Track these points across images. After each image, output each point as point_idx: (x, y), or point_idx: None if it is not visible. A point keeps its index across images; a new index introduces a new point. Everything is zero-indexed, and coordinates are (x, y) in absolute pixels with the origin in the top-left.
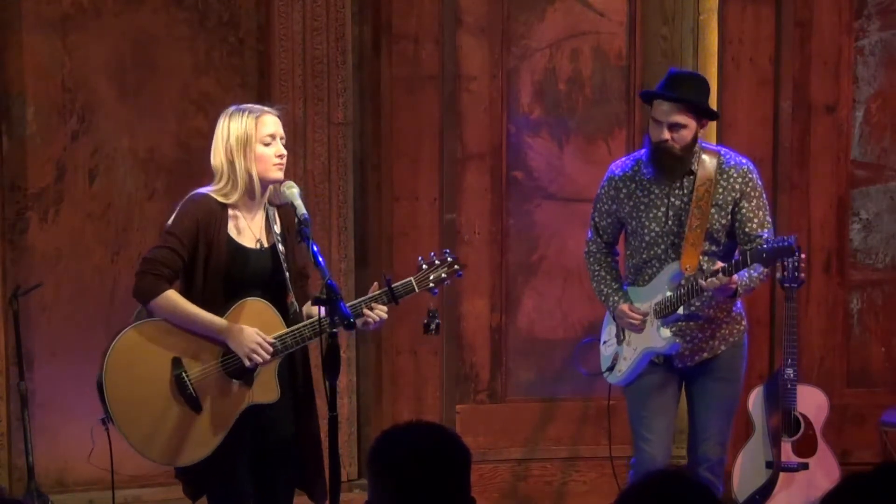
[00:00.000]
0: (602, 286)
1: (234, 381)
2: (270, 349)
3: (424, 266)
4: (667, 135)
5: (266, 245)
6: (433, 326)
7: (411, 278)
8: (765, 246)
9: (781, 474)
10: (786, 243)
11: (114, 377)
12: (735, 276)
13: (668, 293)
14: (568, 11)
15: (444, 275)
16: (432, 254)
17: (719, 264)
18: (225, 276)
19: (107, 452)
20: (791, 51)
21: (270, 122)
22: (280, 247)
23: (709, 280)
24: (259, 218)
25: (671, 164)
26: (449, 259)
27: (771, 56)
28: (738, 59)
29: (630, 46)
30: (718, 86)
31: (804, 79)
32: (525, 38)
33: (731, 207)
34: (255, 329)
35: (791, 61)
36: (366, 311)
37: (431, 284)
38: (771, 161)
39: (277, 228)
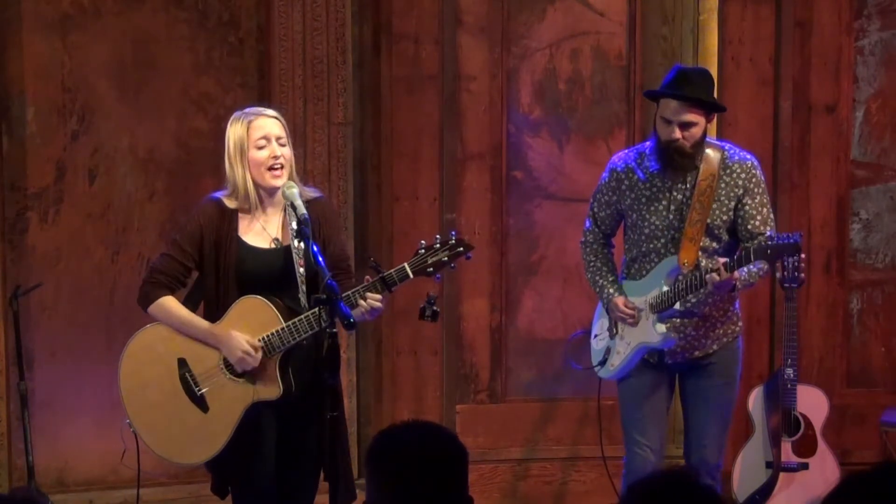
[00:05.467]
0: (597, 277)
1: (237, 379)
2: (258, 355)
3: (422, 250)
4: (678, 133)
5: (283, 244)
6: (429, 313)
7: (405, 263)
8: (769, 242)
9: (781, 474)
10: (791, 240)
11: (127, 383)
12: (736, 272)
13: (665, 288)
14: (568, 11)
15: (445, 257)
16: (436, 236)
17: (721, 260)
18: (235, 275)
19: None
20: (791, 51)
21: (264, 125)
22: (295, 245)
23: (709, 275)
24: (277, 218)
25: (682, 162)
26: (452, 241)
27: (771, 56)
28: (738, 59)
29: (630, 46)
30: (718, 86)
31: (804, 79)
32: (525, 38)
33: (733, 203)
34: (243, 336)
35: (791, 61)
36: (360, 301)
37: (430, 269)
38: (771, 161)
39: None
